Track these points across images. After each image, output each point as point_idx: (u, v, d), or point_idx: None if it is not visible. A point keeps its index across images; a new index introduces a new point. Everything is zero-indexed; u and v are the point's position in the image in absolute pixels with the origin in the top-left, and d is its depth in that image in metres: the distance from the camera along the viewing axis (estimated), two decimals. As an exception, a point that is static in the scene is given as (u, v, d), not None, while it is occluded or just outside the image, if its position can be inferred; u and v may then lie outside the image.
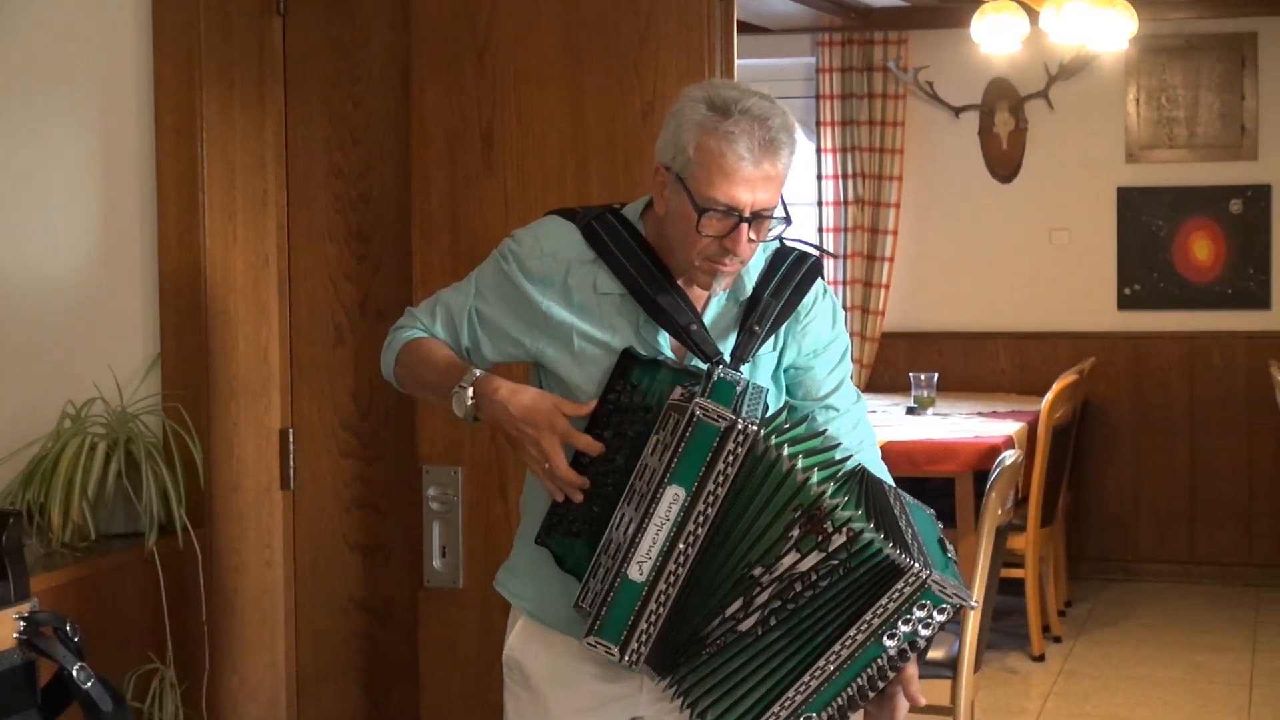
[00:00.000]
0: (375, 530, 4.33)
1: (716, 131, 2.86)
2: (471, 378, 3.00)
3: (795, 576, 2.79)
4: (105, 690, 2.91)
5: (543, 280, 3.03)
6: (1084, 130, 9.45)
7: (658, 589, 2.81)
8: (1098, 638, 8.14)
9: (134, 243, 4.16)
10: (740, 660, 2.82)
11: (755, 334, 3.03)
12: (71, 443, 3.90)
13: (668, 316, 2.98)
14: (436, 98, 4.00)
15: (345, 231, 4.29)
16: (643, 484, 2.83)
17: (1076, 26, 7.12)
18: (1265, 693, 7.16)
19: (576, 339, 3.02)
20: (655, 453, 2.83)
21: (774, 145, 2.88)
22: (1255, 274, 9.26)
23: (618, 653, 2.84)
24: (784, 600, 2.80)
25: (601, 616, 2.83)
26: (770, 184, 2.89)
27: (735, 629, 2.82)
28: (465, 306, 3.11)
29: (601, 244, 3.03)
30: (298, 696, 4.37)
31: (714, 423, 2.77)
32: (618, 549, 2.83)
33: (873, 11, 9.45)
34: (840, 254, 9.73)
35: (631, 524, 2.82)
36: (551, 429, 2.91)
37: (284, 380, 4.31)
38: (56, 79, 4.21)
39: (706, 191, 2.87)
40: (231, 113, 4.18)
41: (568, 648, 3.07)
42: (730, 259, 2.91)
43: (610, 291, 3.02)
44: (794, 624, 2.80)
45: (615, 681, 3.09)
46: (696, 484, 2.78)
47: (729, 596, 2.82)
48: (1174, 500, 9.36)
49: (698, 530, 2.80)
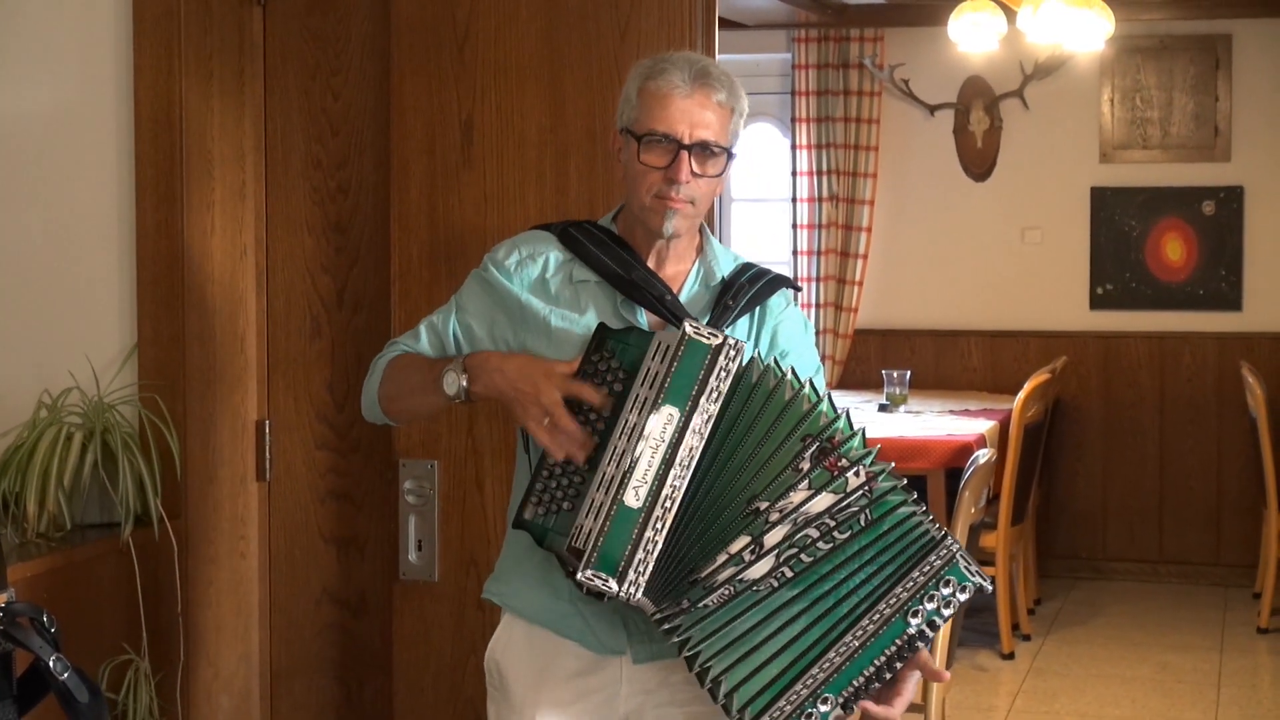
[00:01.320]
0: (350, 522, 4.32)
1: (652, 73, 3.02)
2: (461, 357, 3.05)
3: (809, 519, 2.76)
4: (82, 681, 2.89)
5: (522, 278, 3.11)
6: (1058, 130, 9.48)
7: (654, 514, 2.78)
8: (1067, 636, 8.17)
9: (112, 232, 4.15)
10: (754, 619, 2.76)
11: (729, 308, 3.07)
12: (47, 432, 3.89)
13: (642, 291, 3.04)
14: (416, 90, 4.00)
15: (324, 223, 4.29)
16: (636, 414, 2.83)
17: (1053, 26, 7.14)
18: (1232, 692, 7.19)
19: (554, 320, 3.06)
20: (646, 383, 2.84)
21: (706, 75, 3.01)
22: (1227, 275, 9.30)
23: (615, 584, 2.78)
24: (800, 548, 2.75)
25: (597, 548, 2.78)
26: (706, 114, 3.00)
27: (744, 576, 2.76)
28: (449, 322, 3.16)
29: (577, 243, 3.11)
30: (271, 688, 4.36)
31: (705, 340, 2.82)
32: (611, 480, 2.81)
33: (849, 8, 9.46)
34: (813, 251, 9.75)
35: (626, 453, 2.81)
36: (549, 382, 2.92)
37: (261, 371, 4.31)
38: (35, 66, 4.20)
39: (646, 124, 3.00)
40: (211, 103, 4.17)
41: (546, 641, 3.08)
42: (676, 190, 2.99)
43: (586, 279, 3.08)
44: (812, 582, 2.75)
45: (594, 674, 3.08)
46: (690, 402, 2.80)
47: (732, 530, 2.78)
48: (1143, 500, 9.40)
49: (693, 450, 2.80)
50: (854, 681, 2.74)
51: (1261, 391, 8.09)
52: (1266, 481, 8.16)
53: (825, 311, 9.70)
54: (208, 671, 4.18)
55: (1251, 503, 9.03)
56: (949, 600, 2.75)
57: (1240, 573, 9.15)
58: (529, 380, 2.93)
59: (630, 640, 3.05)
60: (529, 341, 3.07)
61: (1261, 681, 7.54)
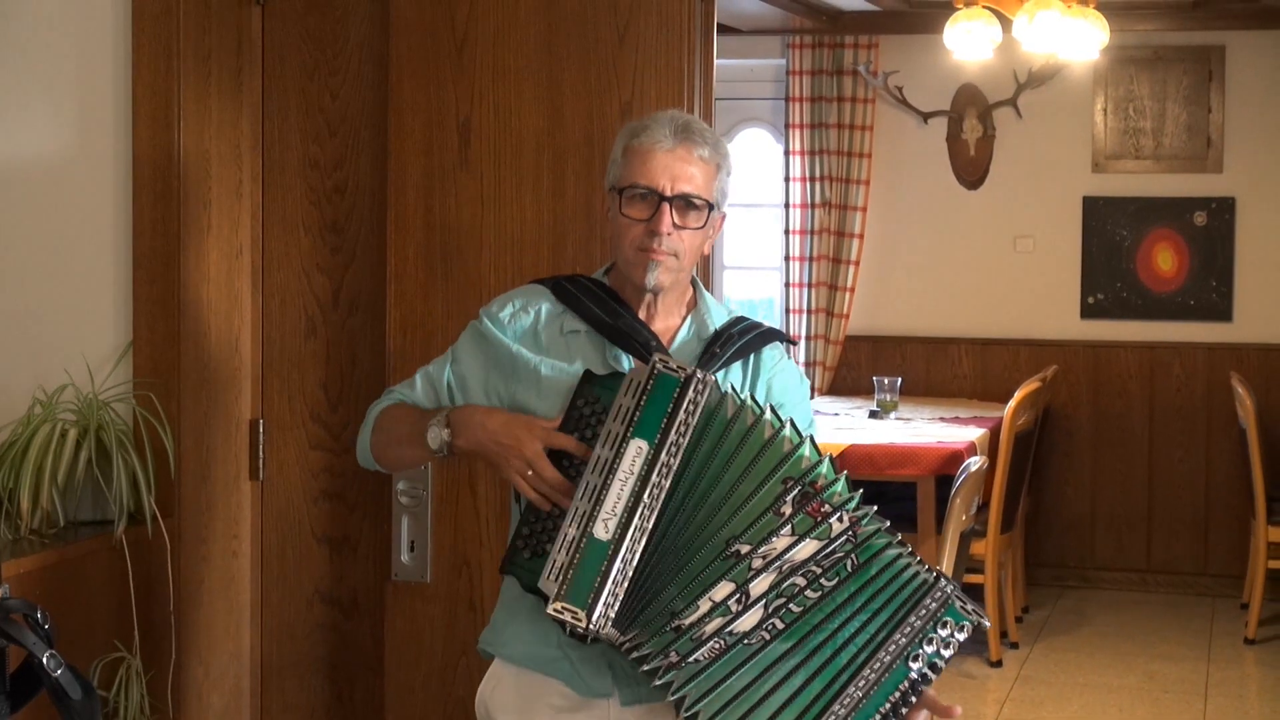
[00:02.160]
0: (343, 522, 4.32)
1: (636, 131, 3.07)
2: (446, 411, 3.08)
3: (794, 567, 2.76)
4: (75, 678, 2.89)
5: (515, 330, 3.14)
6: (1051, 139, 9.49)
7: (624, 546, 2.78)
8: (1054, 644, 8.18)
9: (108, 230, 4.15)
10: (750, 675, 2.75)
11: (717, 355, 3.08)
12: (42, 429, 3.88)
13: (627, 338, 3.07)
14: (414, 91, 4.00)
15: (320, 222, 4.29)
16: (607, 449, 2.84)
17: (1049, 35, 7.14)
18: (1219, 702, 7.21)
19: (544, 369, 3.09)
20: (617, 418, 2.85)
21: (688, 131, 3.04)
22: (1217, 286, 9.32)
23: (584, 617, 2.78)
24: (788, 598, 2.76)
25: (567, 580, 2.78)
26: (688, 169, 3.02)
27: (734, 628, 2.76)
28: (444, 374, 3.19)
29: (569, 295, 3.15)
30: (262, 687, 4.36)
31: (674, 373, 2.84)
32: (582, 516, 2.82)
33: (843, 15, 9.47)
34: (805, 257, 9.76)
35: (595, 487, 2.82)
36: (530, 435, 2.94)
37: (255, 370, 4.31)
38: (34, 64, 4.20)
39: (629, 179, 3.03)
40: (208, 103, 4.17)
41: (533, 682, 3.09)
42: (658, 241, 3.01)
43: (576, 329, 3.12)
44: (805, 633, 2.75)
45: (580, 712, 3.08)
46: (659, 434, 2.80)
47: (712, 573, 2.78)
48: (1132, 509, 9.41)
49: (662, 482, 2.80)
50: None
51: (1251, 402, 8.10)
52: (1255, 492, 8.18)
53: (816, 317, 9.70)
54: (199, 670, 4.18)
55: (1240, 513, 9.05)
56: (948, 641, 2.76)
57: (1227, 583, 9.16)
58: (510, 435, 2.96)
59: (616, 683, 3.05)
60: (519, 392, 3.10)
61: (1248, 692, 7.55)
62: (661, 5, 3.86)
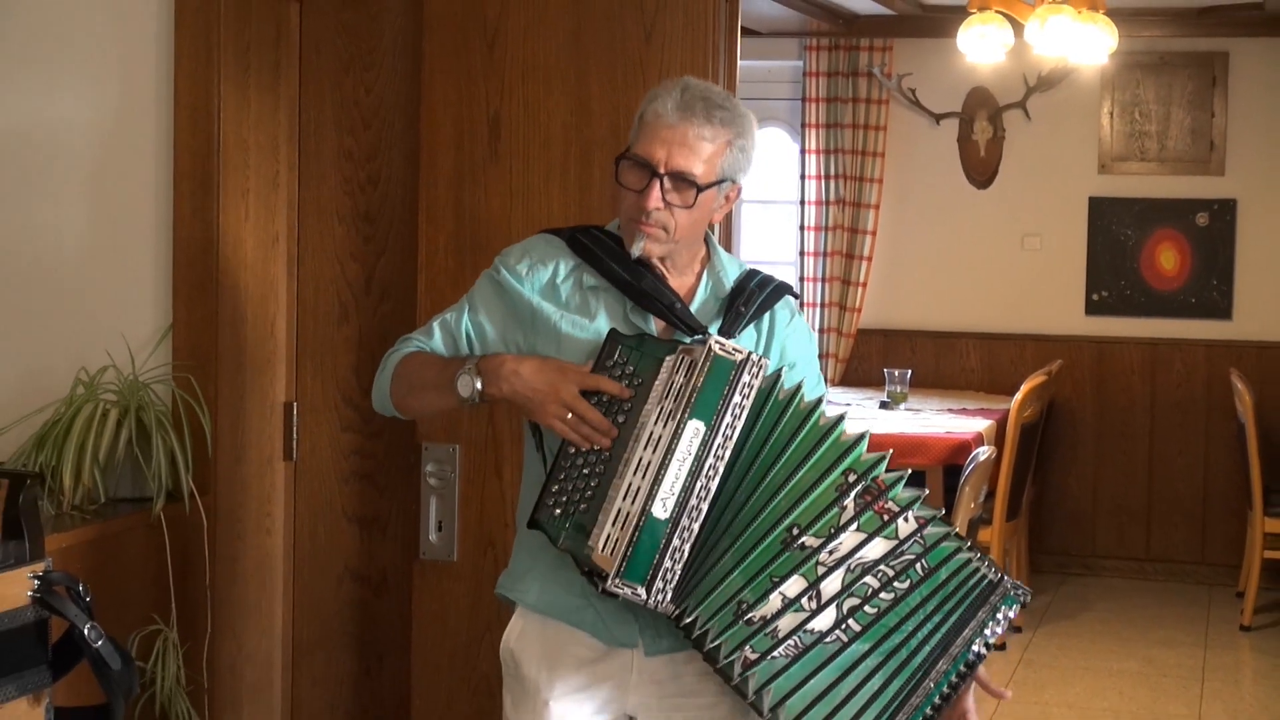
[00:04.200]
0: (373, 503, 4.31)
1: (650, 99, 3.00)
2: (474, 359, 3.03)
3: (866, 567, 2.76)
4: (114, 649, 2.90)
5: (533, 282, 3.07)
6: (1059, 141, 9.47)
7: (681, 524, 2.77)
8: (1057, 629, 8.16)
9: (149, 217, 4.14)
10: (832, 675, 2.75)
11: (741, 314, 3.05)
12: (84, 408, 3.88)
13: (651, 299, 3.01)
14: (446, 86, 3.98)
15: (353, 212, 4.28)
16: (661, 426, 2.80)
17: (1059, 40, 7.12)
18: (1215, 687, 7.19)
19: (564, 325, 3.03)
20: (671, 396, 2.82)
21: (691, 107, 2.95)
22: (1218, 285, 9.28)
23: (643, 593, 2.77)
24: (861, 599, 2.75)
25: (626, 557, 2.76)
26: (686, 148, 2.94)
27: (810, 627, 2.75)
28: (462, 321, 3.12)
29: (586, 249, 3.08)
30: (293, 661, 4.36)
31: (729, 356, 2.80)
32: (638, 492, 2.78)
33: (859, 19, 9.45)
34: (819, 252, 9.74)
35: (652, 465, 2.78)
36: (565, 378, 2.91)
37: (290, 355, 4.30)
38: (78, 56, 4.19)
39: (632, 146, 2.98)
40: (247, 94, 4.16)
41: (558, 631, 3.06)
42: (645, 217, 2.95)
43: (596, 285, 3.06)
44: (882, 636, 2.75)
45: (605, 663, 3.06)
46: (715, 417, 2.78)
47: (781, 566, 2.76)
48: (1132, 500, 9.39)
49: (717, 464, 2.79)
50: (926, 711, 2.76)
51: (1249, 398, 8.08)
52: (1252, 485, 8.16)
53: (829, 311, 9.68)
54: (233, 643, 4.17)
55: (1237, 505, 9.02)
56: (1002, 622, 2.78)
57: (1224, 572, 9.14)
58: (545, 379, 2.92)
59: (642, 633, 3.04)
60: (539, 346, 3.04)
61: (1244, 677, 7.54)
62: (687, 5, 3.83)
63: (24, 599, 2.79)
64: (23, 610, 2.79)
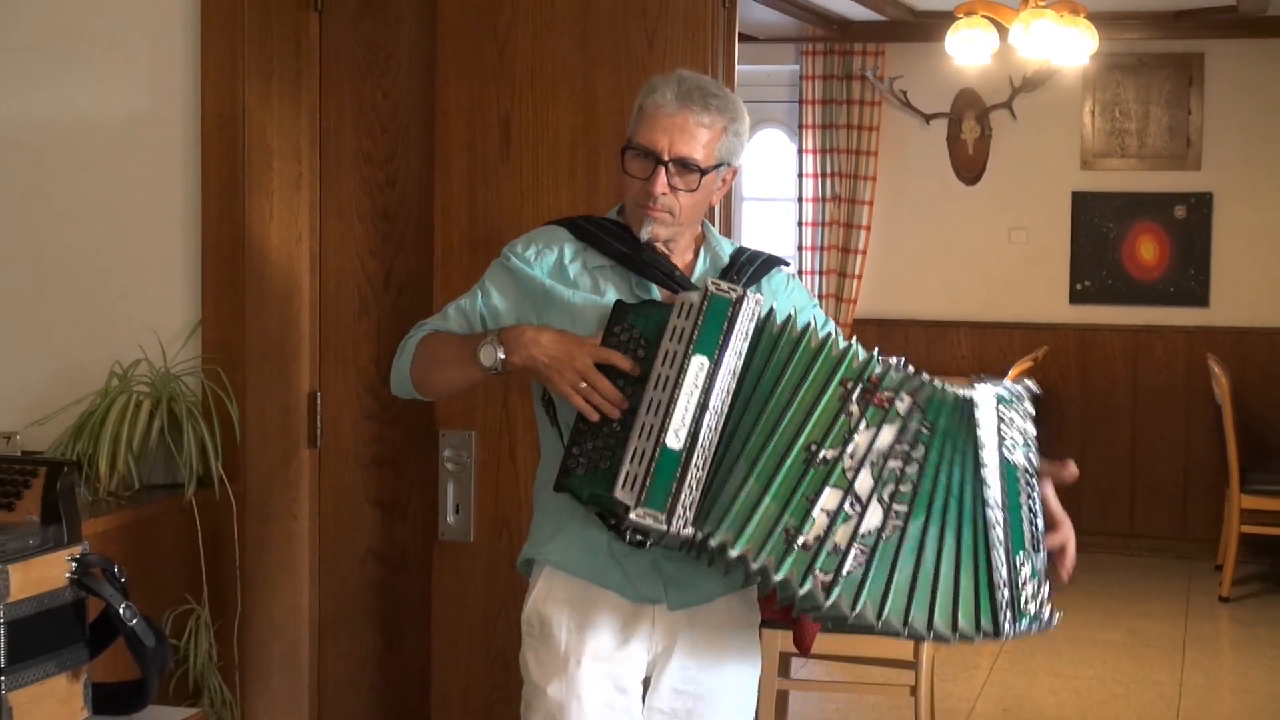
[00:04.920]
0: (393, 487, 4.31)
1: (649, 90, 3.02)
2: (495, 331, 3.04)
3: (884, 454, 2.77)
4: (148, 628, 2.89)
5: (541, 265, 3.10)
6: (1043, 138, 9.45)
7: (695, 453, 2.77)
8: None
9: (178, 218, 4.14)
10: (910, 560, 2.74)
11: (736, 280, 3.05)
12: (118, 400, 3.87)
13: (652, 269, 3.04)
14: (459, 91, 3.98)
15: (372, 212, 4.27)
16: (668, 367, 2.82)
17: (1042, 43, 7.11)
18: (1195, 655, 7.18)
19: (576, 300, 3.05)
20: (674, 338, 2.83)
21: (689, 97, 2.98)
22: (1196, 274, 9.27)
23: (664, 520, 2.77)
24: (896, 483, 2.76)
25: (646, 488, 2.77)
26: (687, 135, 2.97)
27: (864, 529, 2.74)
28: (476, 306, 3.14)
29: (588, 233, 3.11)
30: (319, 638, 4.35)
31: (725, 294, 2.83)
32: (652, 429, 2.79)
33: (853, 24, 9.43)
34: (817, 247, 9.73)
35: (662, 402, 2.80)
36: (580, 349, 2.92)
37: (313, 347, 4.29)
38: (112, 67, 4.18)
39: (634, 138, 3.00)
40: (270, 101, 4.15)
41: (586, 592, 3.05)
42: (654, 201, 2.99)
43: (601, 264, 3.08)
44: (927, 502, 2.76)
45: (633, 624, 3.06)
46: (718, 349, 2.80)
47: (810, 484, 2.75)
48: (1116, 479, 9.37)
49: (724, 393, 2.80)
50: (1024, 531, 2.80)
51: (1226, 381, 8.07)
52: (1230, 463, 8.15)
53: (826, 303, 9.67)
54: (262, 621, 4.17)
55: (1215, 483, 9.00)
56: (1022, 422, 2.83)
57: (1204, 547, 9.12)
58: (562, 349, 2.93)
59: (667, 589, 3.04)
60: (554, 321, 3.05)
61: (1223, 646, 7.52)
62: (687, 13, 3.83)
63: (62, 580, 2.79)
64: (61, 591, 2.78)
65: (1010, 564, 2.78)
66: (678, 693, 3.10)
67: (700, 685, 3.11)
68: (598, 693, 3.04)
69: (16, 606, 2.67)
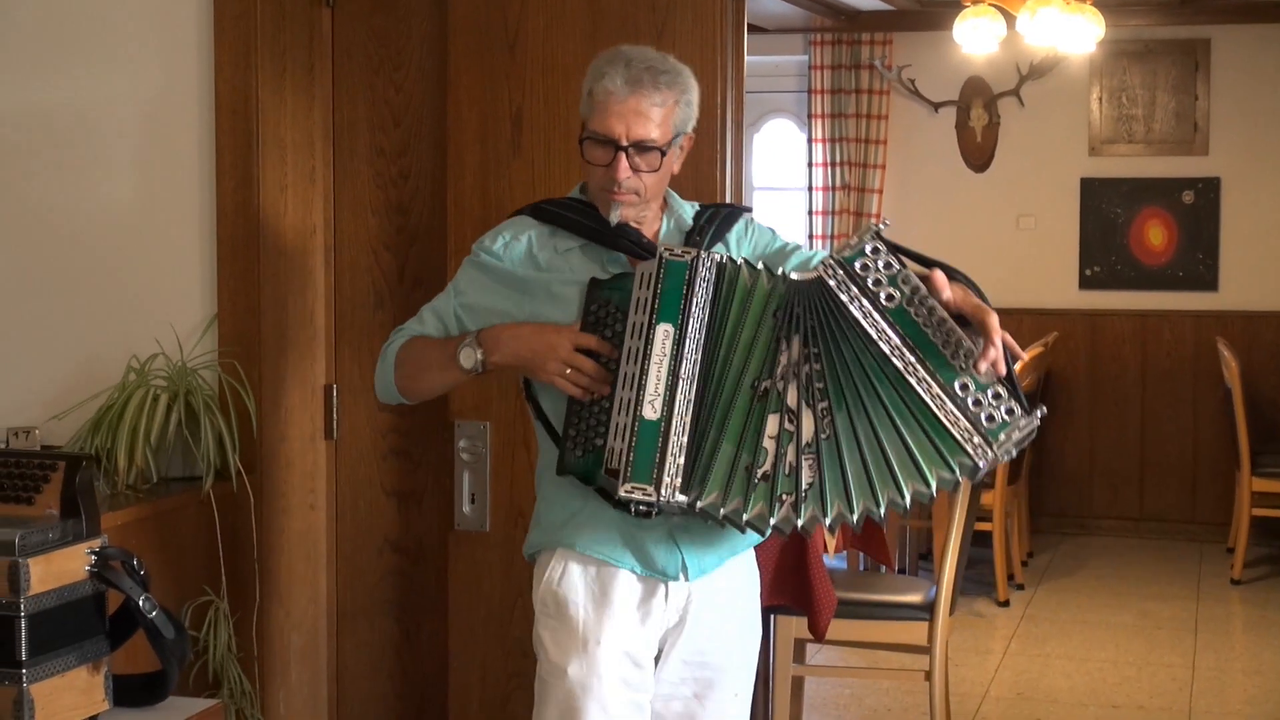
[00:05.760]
0: (409, 477, 4.30)
1: (597, 75, 3.00)
2: (473, 333, 3.05)
3: (795, 363, 2.79)
4: (167, 619, 2.90)
5: (511, 257, 3.10)
6: (1051, 125, 9.43)
7: (673, 421, 2.79)
8: (1056, 586, 8.14)
9: (194, 212, 4.13)
10: (853, 452, 2.77)
11: (697, 243, 3.06)
12: (136, 394, 3.87)
13: (623, 240, 3.04)
14: (471, 85, 3.97)
15: (386, 205, 4.26)
16: (636, 339, 2.84)
17: (1049, 30, 7.09)
18: (1207, 637, 7.16)
19: (556, 288, 3.05)
20: (638, 310, 2.85)
21: (639, 80, 2.97)
22: (1204, 259, 9.25)
23: (653, 491, 2.79)
24: (811, 384, 2.78)
25: (629, 463, 2.79)
26: (642, 117, 2.97)
27: (804, 440, 2.77)
28: (450, 306, 3.14)
29: (550, 214, 3.12)
30: (337, 628, 4.35)
31: (679, 258, 2.85)
32: (628, 402, 2.82)
33: (861, 14, 9.41)
34: (827, 235, 9.72)
35: (634, 375, 2.82)
36: (560, 337, 2.94)
37: (329, 340, 4.28)
38: (127, 63, 4.18)
39: (590, 125, 2.99)
40: (284, 95, 4.14)
41: (602, 573, 3.06)
42: (617, 186, 2.99)
43: (571, 246, 3.08)
44: (841, 390, 2.78)
45: (649, 599, 3.07)
46: (680, 315, 2.81)
47: (755, 418, 2.79)
48: (1125, 462, 9.36)
49: (693, 355, 2.82)
50: (944, 356, 2.78)
51: (1235, 364, 8.04)
52: (1239, 446, 8.13)
53: (837, 290, 9.66)
54: (280, 612, 4.17)
55: (1225, 466, 8.99)
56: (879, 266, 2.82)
57: (1214, 530, 9.11)
58: (542, 340, 2.95)
59: (686, 559, 3.05)
60: (536, 307, 3.06)
61: (1234, 628, 7.50)
62: (696, 4, 3.82)
63: (82, 573, 2.79)
64: (81, 584, 2.79)
65: (950, 394, 2.77)
66: (687, 663, 3.13)
67: (708, 655, 3.14)
68: (615, 669, 3.05)
69: (37, 599, 2.68)
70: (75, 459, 2.86)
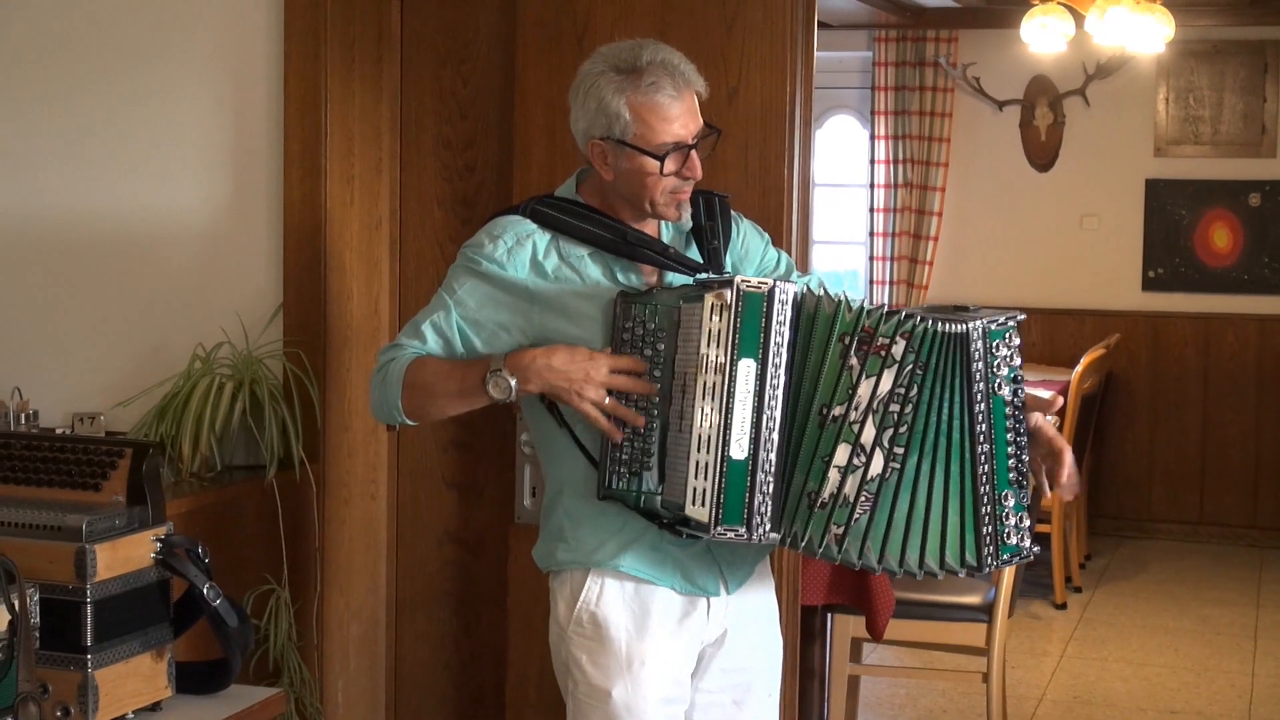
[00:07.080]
0: (470, 470, 4.30)
1: (640, 88, 2.89)
2: (499, 359, 2.90)
3: (884, 400, 2.74)
4: (231, 607, 2.89)
5: (516, 265, 2.96)
6: (1116, 125, 9.34)
7: (760, 459, 2.75)
8: (1114, 589, 8.07)
9: (261, 203, 4.15)
10: (906, 497, 2.75)
11: (718, 250, 3.03)
12: (201, 382, 3.89)
13: (641, 250, 2.96)
14: (538, 77, 3.96)
15: (451, 197, 4.26)
16: (713, 375, 2.77)
17: (1118, 29, 7.03)
18: (1268, 644, 7.08)
19: (569, 300, 2.95)
20: (712, 343, 2.77)
21: (686, 79, 2.93)
22: (1270, 262, 9.15)
23: (745, 534, 2.76)
24: (894, 427, 2.74)
25: (720, 505, 2.74)
26: (695, 109, 2.94)
27: (868, 476, 2.75)
28: (451, 320, 2.98)
29: (553, 219, 2.99)
30: (396, 618, 4.36)
31: (757, 290, 2.77)
32: (710, 441, 2.75)
33: (926, 11, 9.35)
34: (888, 233, 9.68)
35: (715, 413, 2.76)
36: (596, 365, 2.86)
37: (393, 331, 4.28)
38: (197, 55, 4.20)
39: (657, 139, 2.89)
40: (352, 88, 4.15)
41: (640, 592, 3.00)
42: (690, 183, 2.94)
43: (580, 253, 2.98)
44: (920, 440, 2.74)
45: (690, 615, 3.04)
46: (761, 350, 2.76)
47: (825, 445, 2.76)
48: (1186, 466, 9.27)
49: (775, 392, 2.77)
50: (1009, 466, 2.76)
51: (1300, 369, 7.97)
52: (1303, 452, 8.05)
53: (898, 288, 9.61)
54: (340, 601, 4.18)
55: (1287, 471, 8.91)
56: (1009, 356, 2.76)
57: (1275, 535, 9.02)
58: (578, 368, 2.85)
59: (725, 573, 3.03)
60: (549, 323, 2.95)
61: (1295, 635, 7.43)
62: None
63: (147, 560, 2.79)
64: (146, 571, 2.79)
65: (995, 499, 2.75)
66: (725, 671, 3.11)
67: (743, 660, 3.12)
68: (659, 690, 3.01)
69: (103, 586, 2.68)
70: (143, 446, 2.87)
